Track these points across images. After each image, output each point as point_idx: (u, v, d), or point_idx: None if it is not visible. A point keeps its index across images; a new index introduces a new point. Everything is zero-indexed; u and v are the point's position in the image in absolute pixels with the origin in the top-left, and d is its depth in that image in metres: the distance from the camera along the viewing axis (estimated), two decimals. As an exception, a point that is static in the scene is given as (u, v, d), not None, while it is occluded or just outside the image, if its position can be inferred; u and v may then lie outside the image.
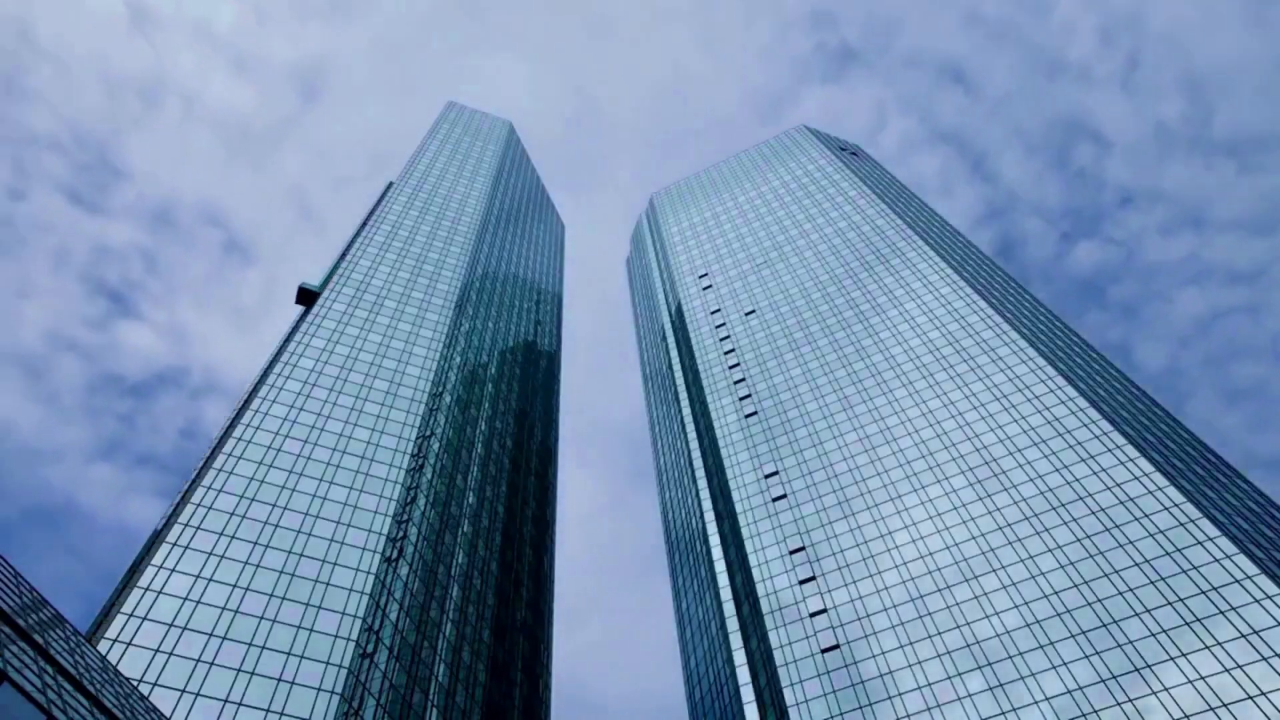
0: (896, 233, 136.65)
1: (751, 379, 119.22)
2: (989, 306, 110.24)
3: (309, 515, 77.13)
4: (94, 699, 29.80)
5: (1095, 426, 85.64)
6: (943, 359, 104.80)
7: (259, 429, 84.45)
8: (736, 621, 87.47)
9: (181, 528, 70.88)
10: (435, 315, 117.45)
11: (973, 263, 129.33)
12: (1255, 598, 64.61)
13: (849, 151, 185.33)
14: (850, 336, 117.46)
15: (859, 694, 72.57)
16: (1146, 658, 64.46)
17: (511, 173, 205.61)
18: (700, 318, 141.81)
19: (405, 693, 69.71)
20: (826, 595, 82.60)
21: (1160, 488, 76.31)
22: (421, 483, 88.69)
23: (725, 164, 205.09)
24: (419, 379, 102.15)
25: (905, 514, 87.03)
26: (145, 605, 63.23)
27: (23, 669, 25.15)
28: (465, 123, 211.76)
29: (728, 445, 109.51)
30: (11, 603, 29.65)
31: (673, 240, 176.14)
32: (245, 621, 65.23)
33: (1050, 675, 66.80)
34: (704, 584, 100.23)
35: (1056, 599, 71.94)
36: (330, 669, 63.98)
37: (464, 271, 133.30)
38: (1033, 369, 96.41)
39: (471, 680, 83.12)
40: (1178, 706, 60.53)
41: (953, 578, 78.23)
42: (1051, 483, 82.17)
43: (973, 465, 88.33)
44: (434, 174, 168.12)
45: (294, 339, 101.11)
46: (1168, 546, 71.28)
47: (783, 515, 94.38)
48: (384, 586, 74.12)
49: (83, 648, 35.54)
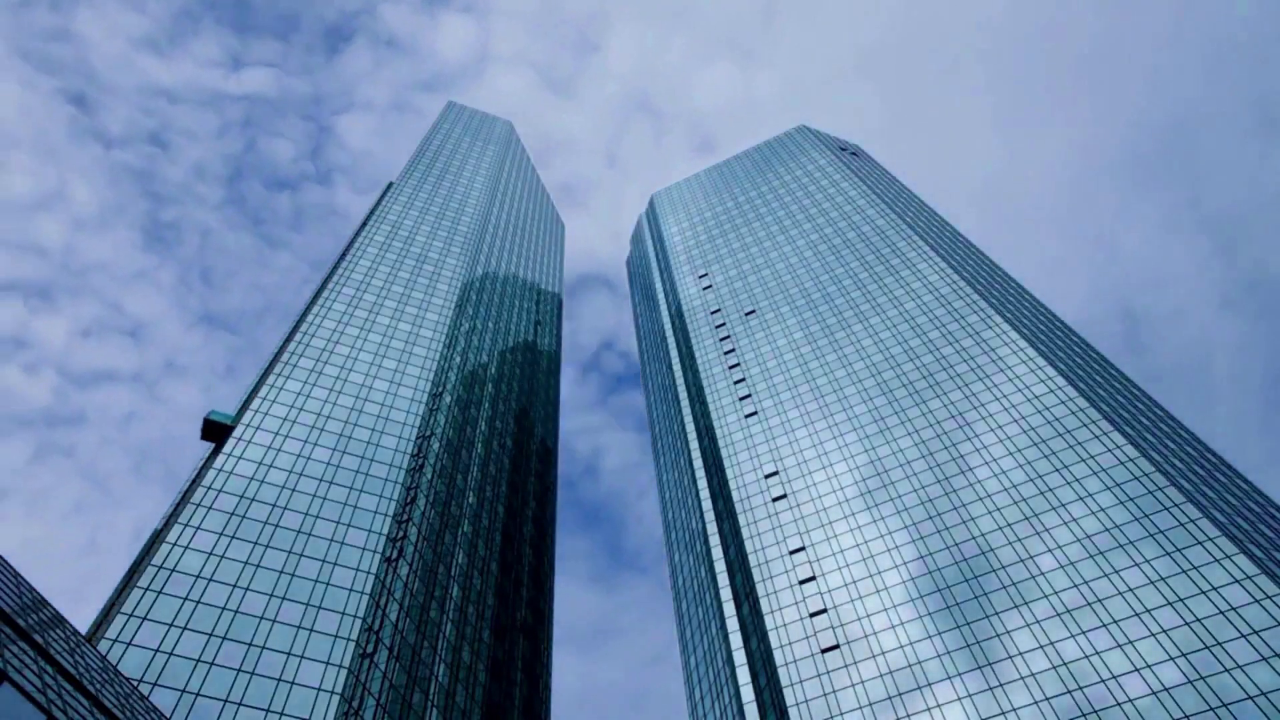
0: (896, 233, 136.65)
1: (751, 379, 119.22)
2: (989, 306, 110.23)
3: (309, 515, 77.12)
4: (94, 699, 29.80)
5: (1095, 427, 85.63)
6: (942, 359, 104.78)
7: (259, 429, 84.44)
8: (736, 621, 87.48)
9: (181, 528, 70.89)
10: (435, 315, 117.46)
11: (972, 262, 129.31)
12: (1255, 598, 64.62)
13: (849, 151, 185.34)
14: (850, 336, 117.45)
15: (859, 694, 72.57)
16: (1146, 658, 64.47)
17: (511, 172, 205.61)
18: (700, 318, 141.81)
19: (405, 693, 69.72)
20: (826, 595, 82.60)
21: (1160, 488, 76.31)
22: (421, 483, 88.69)
23: (725, 163, 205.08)
24: (419, 379, 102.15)
25: (905, 514, 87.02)
26: (145, 605, 63.24)
27: (23, 669, 25.16)
28: (465, 123, 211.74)
29: (728, 445, 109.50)
30: (11, 603, 29.65)
31: (673, 240, 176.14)
32: (245, 621, 65.23)
33: (1050, 675, 66.81)
34: (704, 584, 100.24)
35: (1057, 599, 71.94)
36: (330, 669, 63.98)
37: (464, 271, 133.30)
38: (1032, 369, 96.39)
39: (471, 680, 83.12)
40: (1178, 706, 60.54)
41: (952, 578, 78.23)
42: (1051, 483, 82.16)
43: (973, 465, 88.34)
44: (434, 174, 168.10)
45: (294, 339, 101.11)
46: (1167, 546, 71.29)
47: (783, 515, 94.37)
48: (384, 586, 74.12)
49: (83, 648, 35.54)
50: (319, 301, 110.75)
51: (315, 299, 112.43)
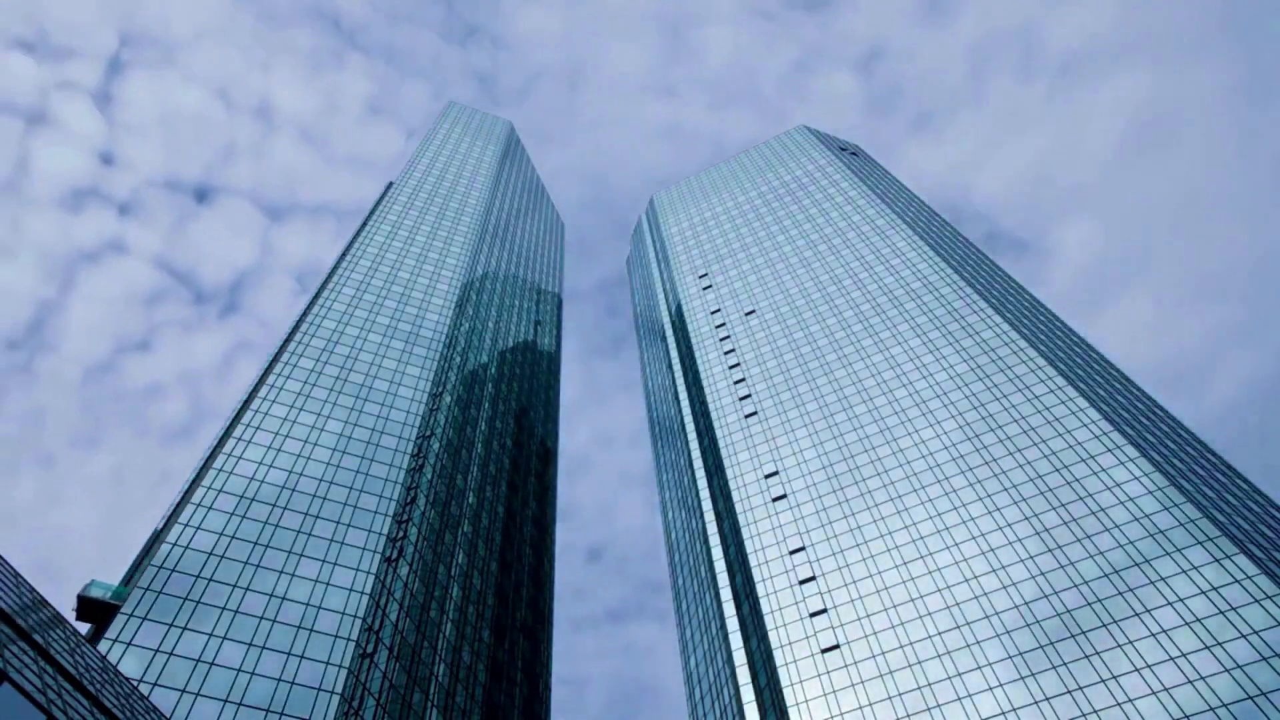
0: (896, 233, 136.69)
1: (751, 379, 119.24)
2: (989, 306, 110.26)
3: (309, 515, 77.15)
4: (94, 699, 29.81)
5: (1095, 426, 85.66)
6: (942, 359, 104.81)
7: (259, 429, 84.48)
8: (736, 621, 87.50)
9: (182, 527, 70.93)
10: (435, 315, 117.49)
11: (972, 263, 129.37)
12: (1255, 598, 64.62)
13: (849, 151, 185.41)
14: (850, 336, 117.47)
15: (859, 694, 72.58)
16: (1146, 658, 64.47)
17: (512, 172, 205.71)
18: (700, 318, 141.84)
19: (405, 693, 69.73)
20: (826, 595, 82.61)
21: (1160, 487, 76.34)
22: (421, 483, 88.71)
23: (725, 164, 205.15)
24: (419, 379, 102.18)
25: (905, 514, 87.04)
26: (145, 605, 63.24)
27: (23, 669, 25.17)
28: (465, 122, 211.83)
29: (728, 445, 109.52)
30: (11, 603, 29.66)
31: (673, 240, 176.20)
32: (245, 621, 65.25)
33: (1050, 675, 66.80)
34: (704, 584, 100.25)
35: (1057, 599, 71.95)
36: (330, 669, 64.00)
37: (464, 271, 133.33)
38: (1032, 369, 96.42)
39: (471, 680, 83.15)
40: (1178, 706, 60.53)
41: (953, 578, 78.23)
42: (1051, 483, 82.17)
43: (973, 465, 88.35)
44: (434, 174, 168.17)
45: (294, 339, 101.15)
46: (1168, 546, 71.30)
47: (783, 515, 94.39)
48: (384, 586, 74.15)
49: (83, 648, 35.55)
50: (319, 301, 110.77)
51: (315, 299, 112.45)
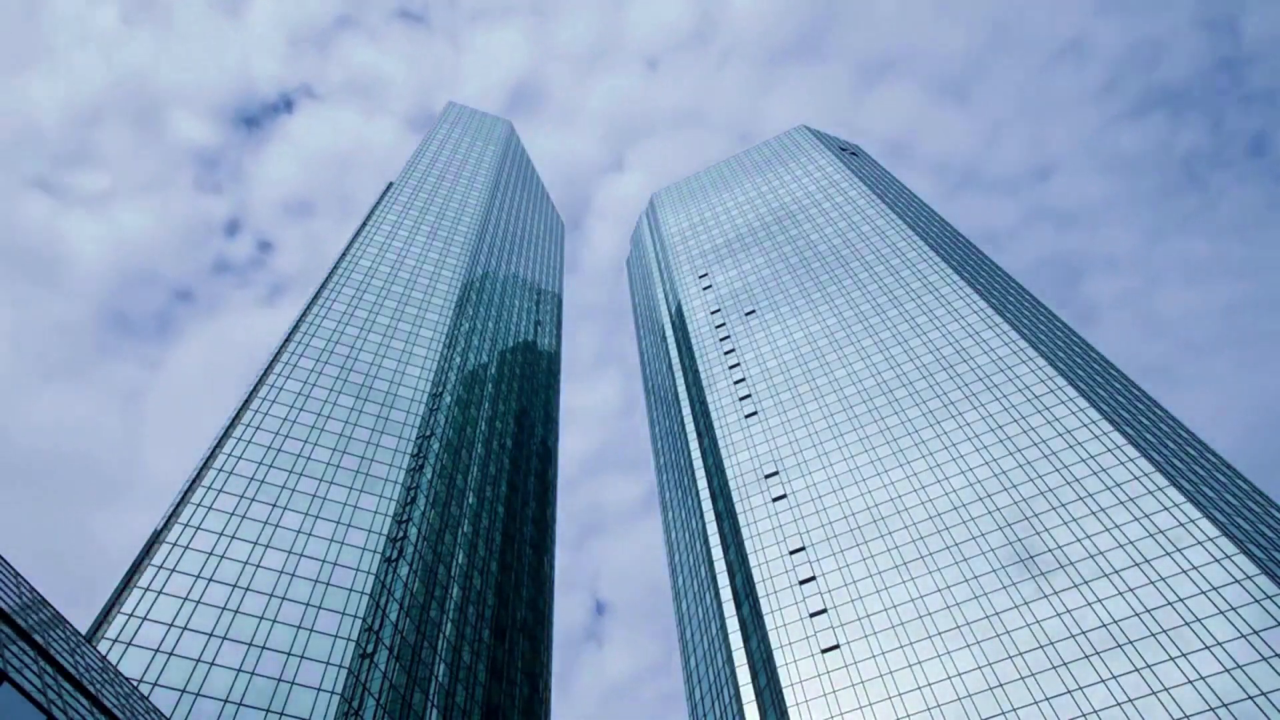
0: (897, 233, 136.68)
1: (751, 379, 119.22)
2: (989, 307, 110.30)
3: (309, 515, 77.14)
4: (94, 699, 29.80)
5: (1095, 427, 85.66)
6: (943, 359, 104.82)
7: (259, 429, 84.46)
8: (736, 621, 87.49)
9: (181, 528, 70.91)
10: (435, 315, 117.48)
11: (973, 264, 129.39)
12: (1255, 598, 64.62)
13: (849, 152, 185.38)
14: (850, 336, 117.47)
15: (859, 694, 72.57)
16: (1146, 658, 64.46)
17: (511, 172, 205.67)
18: (700, 318, 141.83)
19: (405, 693, 69.72)
20: (827, 595, 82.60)
21: (1160, 488, 76.32)
22: (421, 483, 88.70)
23: (725, 164, 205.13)
24: (419, 379, 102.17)
25: (905, 514, 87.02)
26: (145, 605, 63.25)
27: (23, 669, 25.16)
28: (465, 122, 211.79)
29: (728, 445, 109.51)
30: (11, 603, 29.66)
31: (673, 240, 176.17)
32: (245, 621, 65.25)
33: (1050, 675, 66.80)
34: (704, 584, 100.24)
35: (1057, 599, 71.94)
36: (330, 669, 64.00)
37: (464, 271, 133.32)
38: (1033, 369, 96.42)
39: (471, 680, 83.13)
40: (1178, 706, 60.53)
41: (953, 578, 78.23)
42: (1051, 483, 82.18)
43: (973, 465, 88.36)
44: (434, 174, 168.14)
45: (294, 339, 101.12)
46: (1167, 546, 71.30)
47: (783, 515, 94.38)
48: (384, 586, 74.14)
49: (83, 648, 35.54)
50: (319, 301, 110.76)
51: (315, 298, 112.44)
